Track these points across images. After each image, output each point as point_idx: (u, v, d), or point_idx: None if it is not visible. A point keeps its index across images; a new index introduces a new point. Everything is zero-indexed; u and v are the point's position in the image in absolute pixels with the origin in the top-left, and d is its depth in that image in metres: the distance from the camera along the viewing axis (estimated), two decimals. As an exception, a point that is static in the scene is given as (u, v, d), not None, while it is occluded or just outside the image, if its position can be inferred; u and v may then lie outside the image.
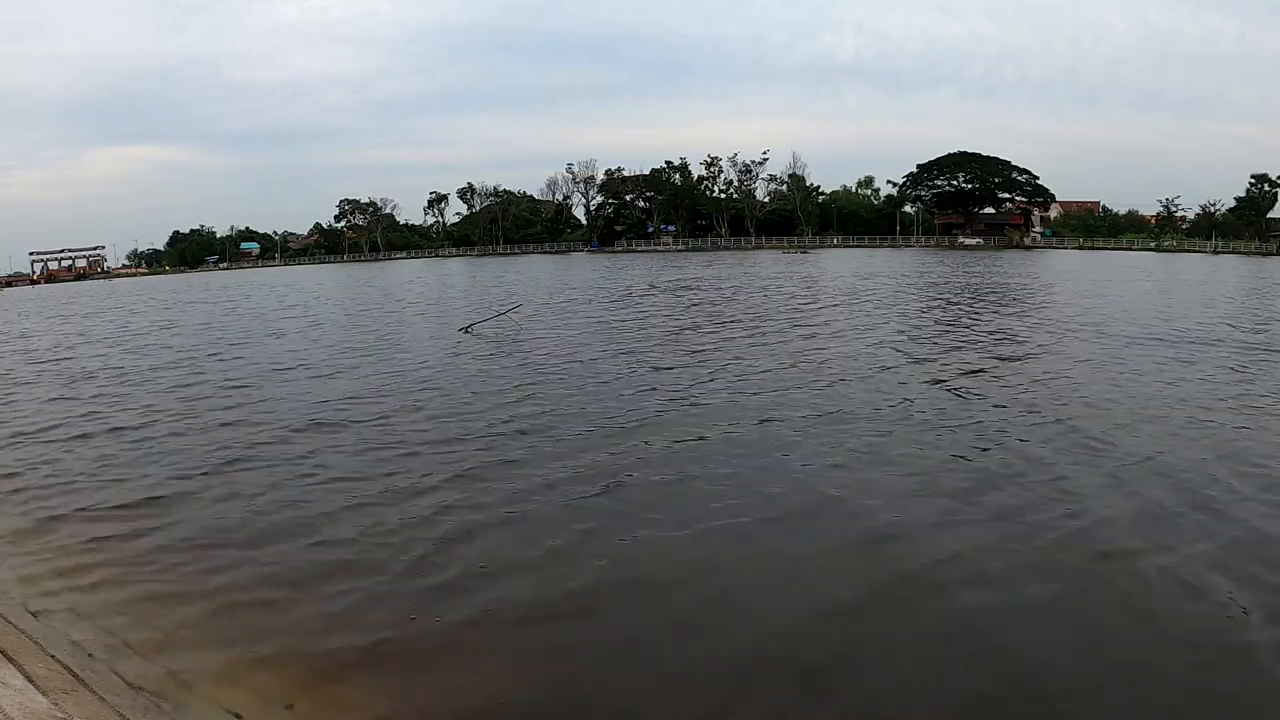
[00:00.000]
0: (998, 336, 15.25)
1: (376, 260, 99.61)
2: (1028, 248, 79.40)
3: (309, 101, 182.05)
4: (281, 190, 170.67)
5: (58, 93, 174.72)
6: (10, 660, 3.57)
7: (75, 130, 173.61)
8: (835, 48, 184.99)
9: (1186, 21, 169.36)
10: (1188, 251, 69.31)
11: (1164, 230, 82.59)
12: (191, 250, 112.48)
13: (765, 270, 43.71)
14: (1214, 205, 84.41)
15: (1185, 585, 4.61)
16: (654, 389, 10.58)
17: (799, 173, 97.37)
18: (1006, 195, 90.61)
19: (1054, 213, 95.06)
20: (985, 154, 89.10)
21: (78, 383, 13.12)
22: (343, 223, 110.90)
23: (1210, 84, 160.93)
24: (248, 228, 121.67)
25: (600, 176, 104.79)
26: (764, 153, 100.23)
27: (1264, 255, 63.32)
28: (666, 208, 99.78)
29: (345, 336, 18.58)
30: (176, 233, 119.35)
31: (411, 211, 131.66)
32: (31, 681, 3.37)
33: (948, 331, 16.20)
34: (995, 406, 9.16)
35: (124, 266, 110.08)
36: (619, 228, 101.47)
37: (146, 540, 5.72)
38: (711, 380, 11.06)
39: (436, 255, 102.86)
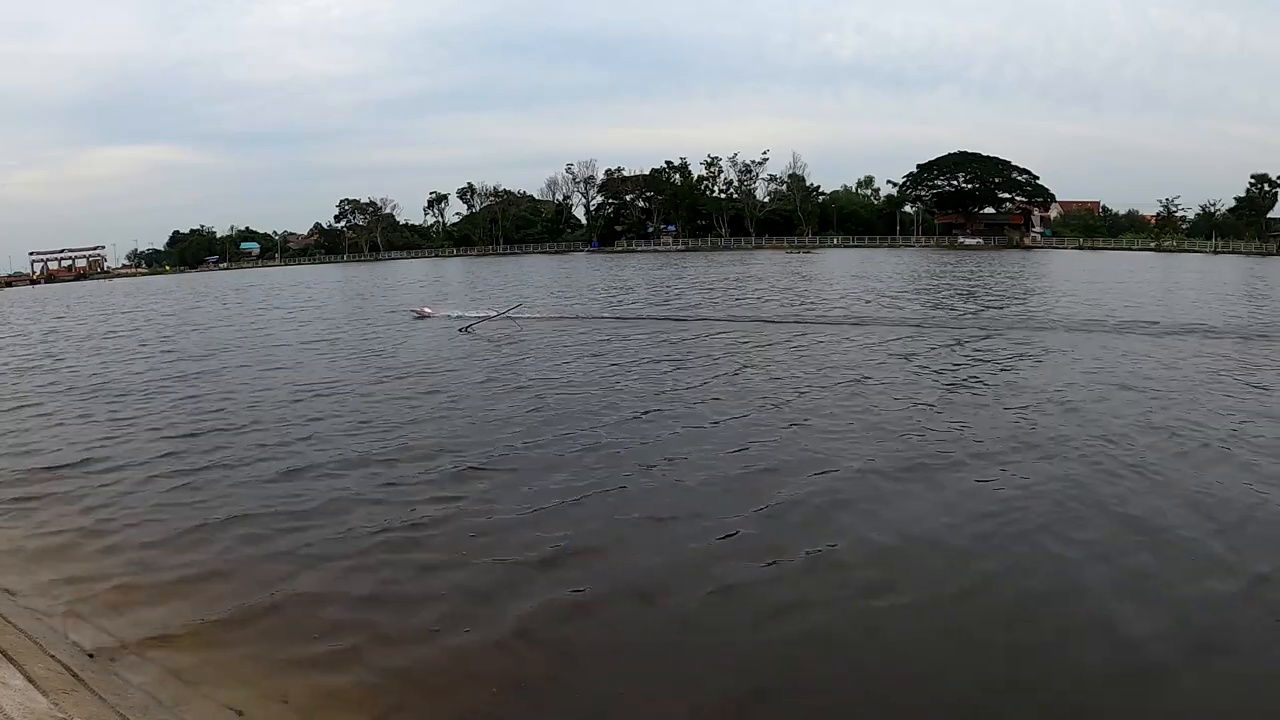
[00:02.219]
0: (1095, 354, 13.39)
1: (377, 260, 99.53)
2: (1028, 248, 79.36)
3: (309, 101, 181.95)
4: (281, 190, 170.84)
5: (58, 93, 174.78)
6: (10, 660, 3.58)
7: (75, 130, 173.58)
8: (836, 47, 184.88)
9: (1188, 21, 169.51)
10: (1188, 251, 69.30)
11: (1164, 230, 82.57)
12: (191, 250, 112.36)
13: (782, 270, 43.41)
14: (1214, 205, 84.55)
15: None
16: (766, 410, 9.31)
17: (799, 173, 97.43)
18: (1006, 195, 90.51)
19: (1054, 213, 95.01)
20: (985, 154, 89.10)
21: (95, 395, 13.07)
22: (343, 223, 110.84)
23: (1211, 84, 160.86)
24: (248, 228, 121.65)
25: (600, 176, 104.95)
26: (764, 153, 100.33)
27: (1264, 255, 63.30)
28: (666, 208, 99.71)
29: (383, 346, 16.52)
30: (176, 233, 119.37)
31: (411, 211, 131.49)
32: (31, 681, 3.38)
33: (1033, 341, 14.77)
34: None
35: (124, 266, 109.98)
36: (619, 228, 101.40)
37: (147, 541, 5.74)
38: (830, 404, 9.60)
39: (437, 255, 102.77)
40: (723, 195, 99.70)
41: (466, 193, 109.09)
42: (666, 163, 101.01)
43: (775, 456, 7.41)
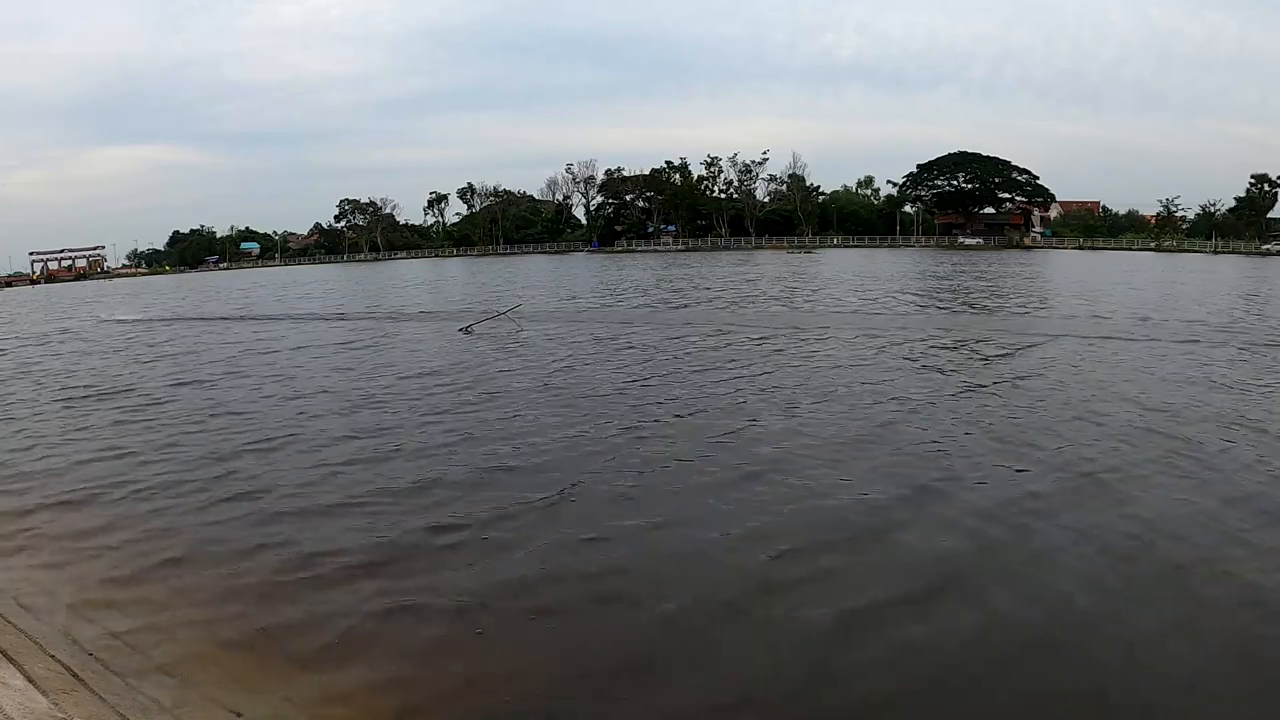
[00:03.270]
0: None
1: (378, 260, 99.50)
2: (1028, 248, 79.34)
3: (309, 101, 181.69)
4: (281, 190, 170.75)
5: (58, 93, 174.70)
6: (10, 660, 3.58)
7: (75, 130, 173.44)
8: (836, 47, 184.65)
9: (1188, 21, 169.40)
10: (1188, 251, 69.29)
11: (1164, 230, 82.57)
12: (191, 250, 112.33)
13: (789, 271, 43.13)
14: (1214, 205, 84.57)
15: None
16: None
17: (799, 173, 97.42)
18: (1006, 195, 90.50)
19: (1054, 213, 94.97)
20: (985, 154, 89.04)
21: (84, 398, 13.06)
22: (343, 223, 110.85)
23: (1211, 84, 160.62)
24: (248, 228, 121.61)
25: (600, 176, 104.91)
26: (764, 153, 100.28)
27: (1264, 255, 63.26)
28: (666, 208, 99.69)
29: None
30: (176, 233, 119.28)
31: (411, 211, 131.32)
32: (31, 681, 3.38)
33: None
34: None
35: (124, 266, 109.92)
36: (619, 228, 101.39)
37: (147, 542, 5.73)
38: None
39: (437, 255, 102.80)
40: (723, 195, 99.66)
41: (466, 193, 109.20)
42: (666, 163, 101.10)
43: (830, 473, 6.87)
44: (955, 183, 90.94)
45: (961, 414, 8.94)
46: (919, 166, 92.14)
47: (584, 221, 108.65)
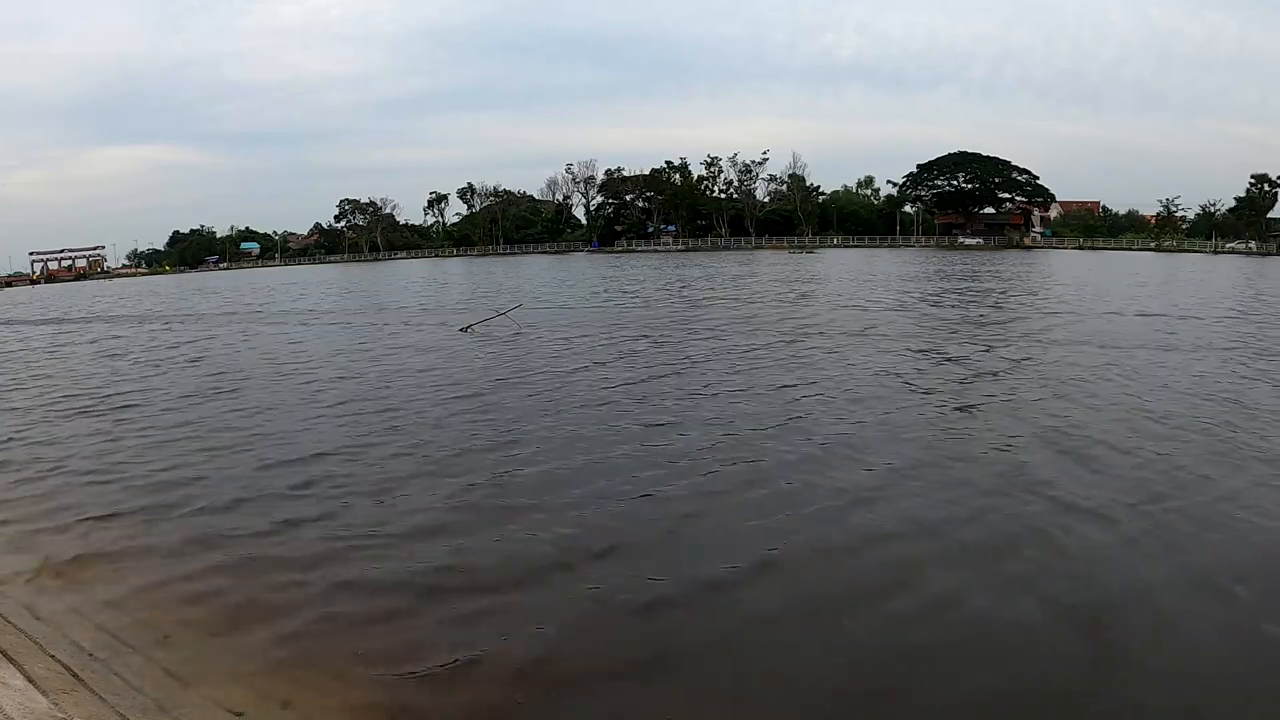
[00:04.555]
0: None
1: (378, 260, 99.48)
2: (1028, 248, 79.38)
3: (309, 101, 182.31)
4: (281, 190, 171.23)
5: (58, 93, 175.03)
6: (10, 660, 3.57)
7: (75, 130, 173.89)
8: (836, 47, 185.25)
9: (1188, 21, 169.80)
10: (1188, 251, 69.30)
11: (1164, 230, 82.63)
12: (191, 250, 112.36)
13: (795, 272, 42.67)
14: (1214, 205, 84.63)
15: None
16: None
17: (799, 173, 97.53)
18: (1006, 195, 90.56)
19: (1054, 213, 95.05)
20: (985, 154, 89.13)
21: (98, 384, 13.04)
22: (343, 223, 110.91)
23: (1211, 84, 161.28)
24: (248, 228, 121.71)
25: (600, 176, 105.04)
26: (764, 153, 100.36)
27: (1264, 255, 63.27)
28: (666, 208, 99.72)
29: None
30: (176, 233, 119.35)
31: (411, 211, 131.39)
32: (31, 681, 3.37)
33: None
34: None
35: (124, 266, 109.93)
36: (619, 228, 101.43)
37: (147, 542, 5.72)
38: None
39: (437, 255, 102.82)
40: (723, 195, 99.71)
41: (466, 193, 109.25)
42: (666, 163, 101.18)
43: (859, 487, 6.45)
44: (955, 183, 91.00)
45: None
46: (919, 166, 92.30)
47: (584, 221, 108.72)
